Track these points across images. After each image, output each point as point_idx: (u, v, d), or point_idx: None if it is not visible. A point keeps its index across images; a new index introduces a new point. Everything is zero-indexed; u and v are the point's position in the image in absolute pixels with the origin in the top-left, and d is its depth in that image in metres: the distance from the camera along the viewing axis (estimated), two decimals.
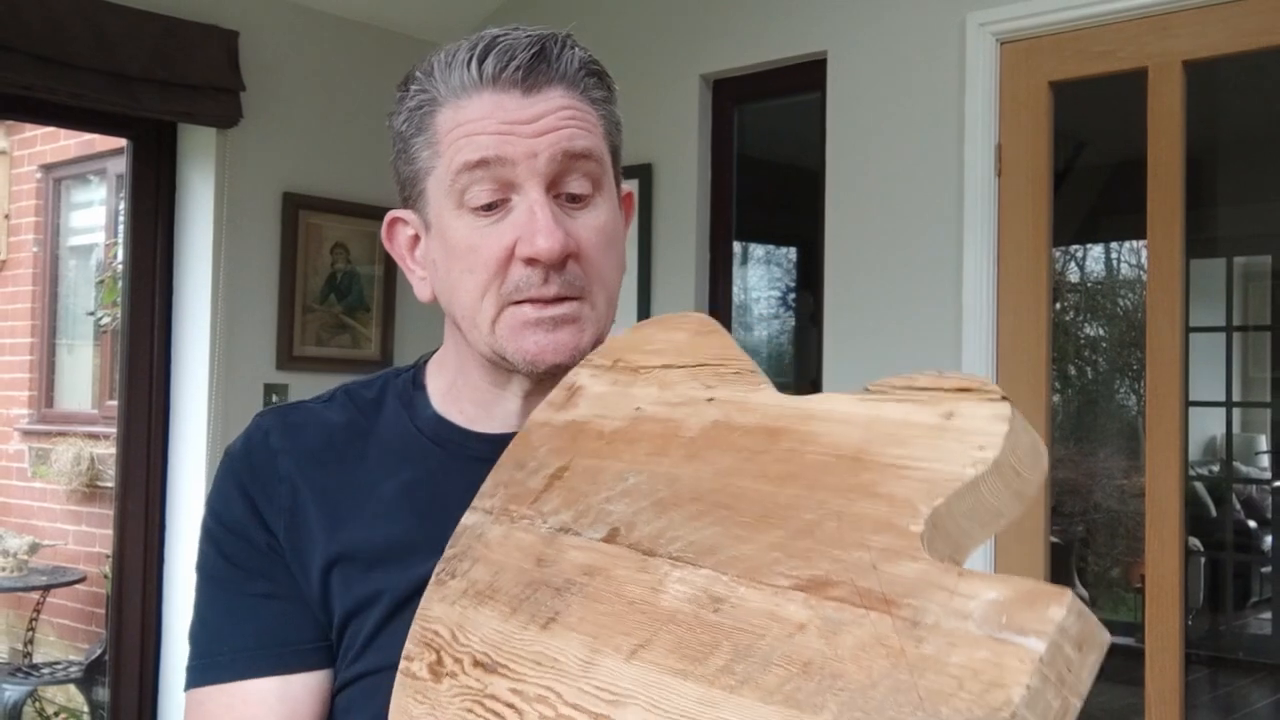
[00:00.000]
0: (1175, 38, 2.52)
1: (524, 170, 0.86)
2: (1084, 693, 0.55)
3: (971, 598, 0.57)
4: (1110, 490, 5.34)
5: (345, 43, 3.55)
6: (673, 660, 0.64)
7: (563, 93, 0.88)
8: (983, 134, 2.72)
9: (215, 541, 0.94)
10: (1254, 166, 4.63)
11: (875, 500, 0.64)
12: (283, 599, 0.91)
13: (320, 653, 0.92)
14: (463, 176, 0.86)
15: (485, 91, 0.87)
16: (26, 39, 2.82)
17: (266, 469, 0.93)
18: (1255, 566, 5.73)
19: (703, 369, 0.80)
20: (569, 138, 0.87)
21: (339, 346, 3.54)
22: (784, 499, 0.68)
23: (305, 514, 0.92)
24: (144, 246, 3.32)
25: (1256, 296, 5.74)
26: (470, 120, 0.86)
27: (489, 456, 0.92)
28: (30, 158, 5.24)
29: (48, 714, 4.35)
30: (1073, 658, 0.54)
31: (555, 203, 0.87)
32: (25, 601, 4.67)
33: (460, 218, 0.88)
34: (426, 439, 0.95)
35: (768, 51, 3.14)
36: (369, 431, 0.96)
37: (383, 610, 0.89)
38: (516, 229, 0.86)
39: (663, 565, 0.69)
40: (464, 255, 0.88)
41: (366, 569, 0.90)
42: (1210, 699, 4.78)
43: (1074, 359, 6.05)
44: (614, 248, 0.92)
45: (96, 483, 4.73)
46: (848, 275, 2.97)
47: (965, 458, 0.63)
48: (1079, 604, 0.55)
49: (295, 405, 0.99)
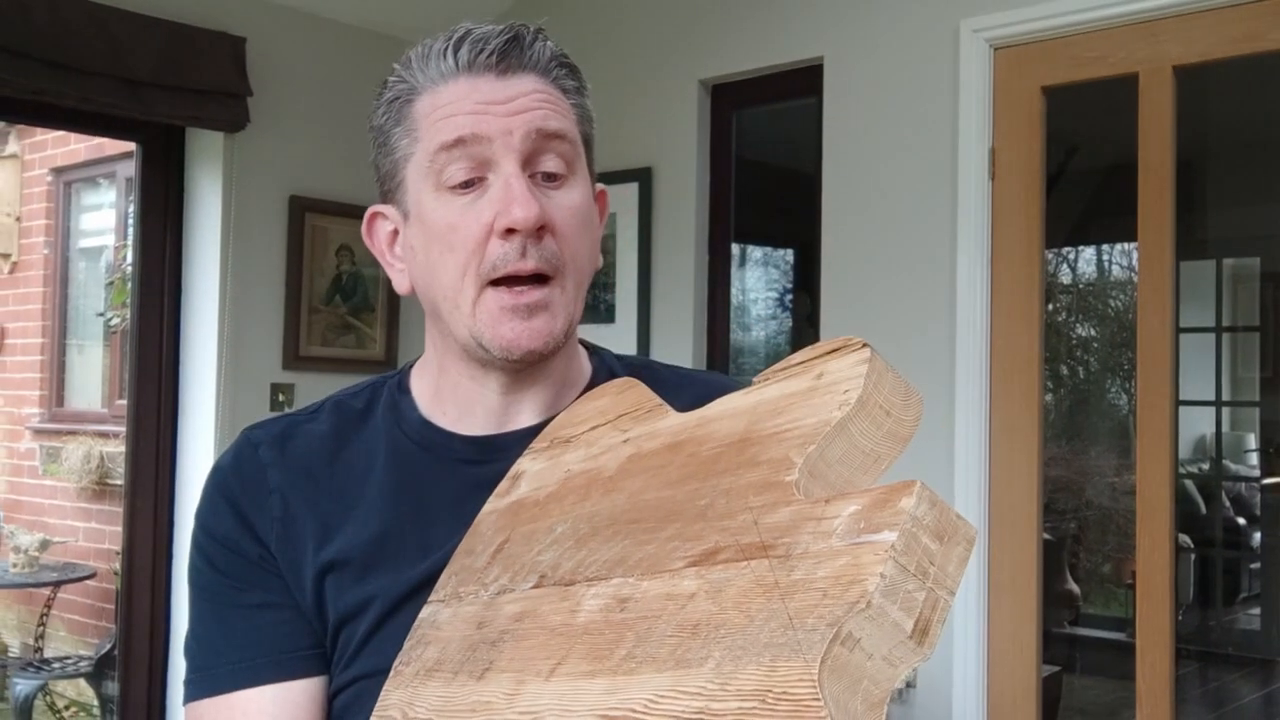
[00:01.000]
0: (1165, 43, 2.52)
1: (500, 147, 0.87)
2: (953, 588, 0.55)
3: (835, 517, 0.58)
4: (1102, 488, 5.35)
5: (350, 49, 3.55)
6: (585, 665, 0.65)
7: (535, 79, 0.90)
8: (976, 138, 2.72)
9: (206, 555, 0.93)
10: (1243, 170, 4.63)
11: (757, 467, 0.67)
12: (277, 608, 0.91)
13: (317, 659, 0.91)
14: (440, 156, 0.87)
15: (461, 77, 0.89)
16: (38, 44, 2.82)
17: (256, 482, 0.93)
18: (1244, 563, 5.73)
19: (622, 418, 0.87)
20: (543, 118, 0.88)
21: (344, 346, 3.54)
22: (682, 496, 0.71)
23: (296, 525, 0.92)
24: (153, 248, 3.32)
25: (1245, 298, 5.74)
26: (447, 103, 0.88)
27: (474, 458, 0.94)
28: (41, 161, 5.24)
29: (58, 708, 4.35)
30: (933, 549, 0.55)
31: (531, 181, 0.88)
32: (37, 597, 4.68)
33: (439, 199, 0.88)
34: (413, 443, 0.96)
35: (765, 57, 3.15)
36: (356, 440, 0.96)
37: (374, 616, 0.89)
38: (494, 205, 0.87)
39: (580, 589, 0.72)
40: (443, 234, 0.88)
41: (357, 576, 0.90)
42: (1200, 693, 4.78)
43: (1066, 359, 6.05)
44: (588, 231, 0.93)
45: (106, 480, 4.73)
46: (844, 277, 2.97)
47: (832, 404, 0.65)
48: (930, 493, 0.56)
49: (282, 418, 1.00)
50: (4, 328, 5.37)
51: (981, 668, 2.67)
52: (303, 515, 0.92)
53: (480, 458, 0.94)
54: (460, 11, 3.93)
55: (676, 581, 0.64)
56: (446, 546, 0.90)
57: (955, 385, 2.73)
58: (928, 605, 0.54)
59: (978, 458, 2.69)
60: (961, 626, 2.68)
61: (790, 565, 0.58)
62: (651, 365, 1.05)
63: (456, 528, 0.91)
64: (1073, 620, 5.17)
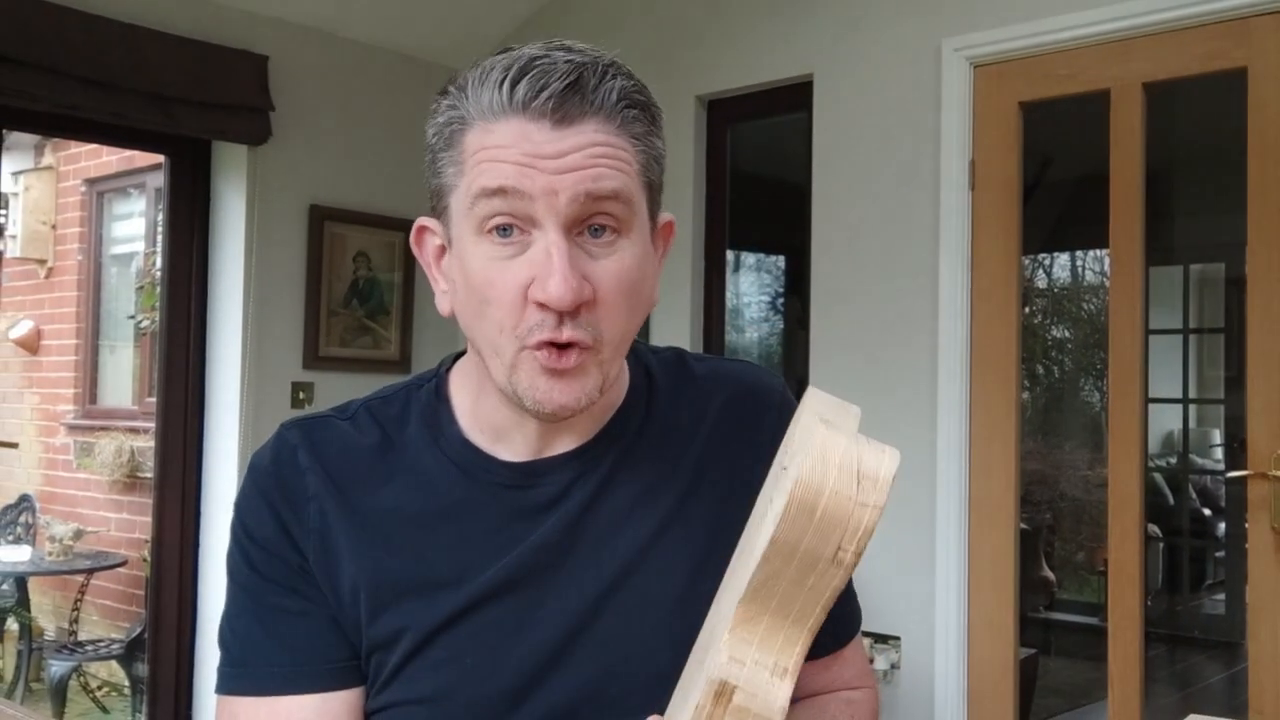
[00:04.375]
0: (1135, 61, 2.52)
1: (543, 207, 0.76)
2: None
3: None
4: (1075, 480, 5.34)
5: (367, 66, 3.55)
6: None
7: (597, 127, 0.77)
8: (957, 150, 2.72)
9: (246, 553, 0.87)
10: (1208, 181, 4.62)
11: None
12: (316, 618, 0.85)
13: (354, 671, 0.86)
14: (480, 202, 0.77)
15: (514, 117, 0.76)
16: (72, 62, 2.82)
17: (296, 488, 0.86)
18: (1209, 551, 5.72)
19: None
20: (594, 178, 0.76)
21: (361, 348, 3.54)
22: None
23: (333, 537, 0.85)
24: (180, 255, 3.31)
25: (1211, 301, 5.73)
26: (495, 145, 0.77)
27: (514, 483, 0.86)
28: (75, 173, 5.24)
29: (91, 688, 4.34)
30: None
31: (577, 240, 0.78)
32: (71, 584, 4.67)
33: (479, 244, 0.79)
34: (452, 463, 0.87)
35: (758, 75, 3.15)
36: (394, 453, 0.88)
37: (406, 647, 0.83)
38: (532, 267, 0.77)
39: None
40: (481, 288, 0.79)
41: (391, 602, 0.84)
42: (1168, 674, 4.78)
43: (1042, 359, 6.04)
44: (636, 291, 0.81)
45: (136, 474, 4.72)
46: (832, 281, 2.97)
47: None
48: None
49: (320, 419, 0.91)
50: (40, 329, 5.37)
51: (962, 650, 2.67)
52: (339, 527, 0.85)
53: (520, 483, 0.87)
54: (473, 31, 3.90)
55: None
56: (483, 577, 0.84)
57: (938, 383, 2.73)
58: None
59: (959, 452, 2.69)
60: (943, 611, 2.68)
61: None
62: (684, 360, 0.97)
63: (495, 557, 0.84)
64: (1048, 605, 5.17)
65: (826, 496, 0.61)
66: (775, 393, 0.95)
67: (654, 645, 0.83)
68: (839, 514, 0.61)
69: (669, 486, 0.88)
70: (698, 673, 0.69)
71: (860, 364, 2.88)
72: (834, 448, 0.62)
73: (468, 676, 0.83)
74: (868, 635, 2.77)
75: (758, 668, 0.63)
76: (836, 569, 0.62)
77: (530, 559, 0.85)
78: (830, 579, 0.63)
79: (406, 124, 3.59)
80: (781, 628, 0.64)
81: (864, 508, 0.61)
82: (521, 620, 0.84)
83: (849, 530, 0.62)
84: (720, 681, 0.63)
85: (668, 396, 0.93)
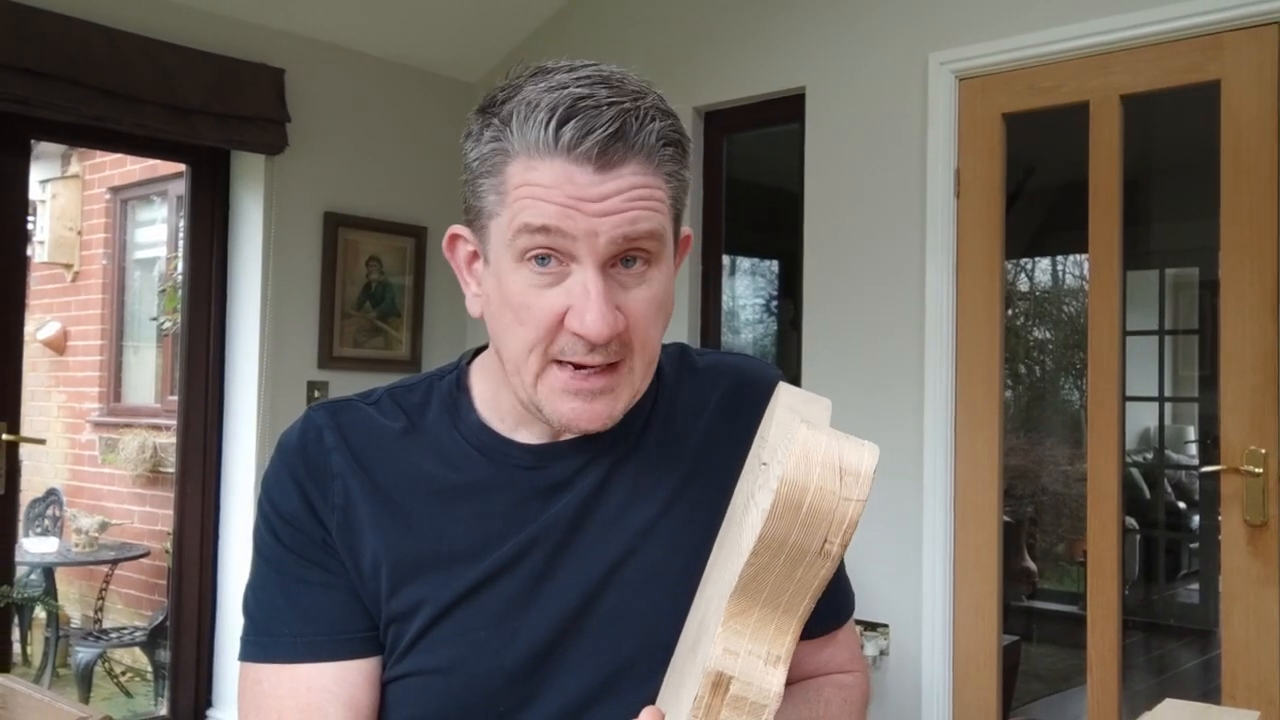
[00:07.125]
0: (1114, 74, 2.52)
1: (583, 246, 0.77)
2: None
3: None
4: (1056, 475, 5.34)
5: (380, 79, 3.55)
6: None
7: (635, 169, 0.78)
8: (943, 160, 2.72)
9: (272, 527, 0.88)
10: (1184, 189, 4.62)
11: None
12: (337, 590, 0.86)
13: (373, 641, 0.86)
14: (523, 236, 0.78)
15: (558, 159, 0.76)
16: (98, 76, 2.82)
17: (320, 465, 0.87)
18: (1184, 543, 5.72)
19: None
20: (632, 220, 0.77)
21: (373, 348, 3.54)
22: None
23: (356, 513, 0.86)
24: (201, 259, 3.32)
25: (1185, 304, 5.73)
26: (539, 184, 0.77)
27: (531, 464, 0.87)
28: (100, 181, 5.23)
29: (116, 673, 4.34)
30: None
31: (610, 272, 0.79)
32: (96, 574, 4.67)
33: (518, 270, 0.79)
34: (471, 446, 0.89)
35: (753, 86, 3.15)
36: (415, 435, 0.89)
37: (424, 619, 0.84)
38: (570, 298, 0.78)
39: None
40: (516, 308, 0.80)
41: (411, 576, 0.85)
42: (1145, 660, 4.78)
43: (1024, 359, 6.04)
44: (662, 313, 0.84)
45: (159, 468, 4.72)
46: (824, 285, 2.97)
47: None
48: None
49: (346, 403, 0.92)
50: (67, 330, 5.37)
51: (948, 637, 2.67)
52: (363, 504, 0.86)
53: (537, 464, 0.88)
54: (480, 46, 3.90)
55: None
56: (499, 552, 0.85)
57: (924, 382, 2.73)
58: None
59: (944, 448, 2.69)
60: (930, 600, 2.68)
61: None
62: (687, 353, 0.98)
63: (511, 533, 0.85)
64: (1030, 595, 5.17)
65: (811, 493, 0.61)
66: (774, 382, 0.96)
67: (659, 619, 0.84)
68: (824, 509, 0.62)
69: (674, 471, 0.90)
70: (690, 664, 0.69)
71: (850, 363, 2.88)
72: (815, 446, 0.62)
73: (481, 648, 0.84)
74: (858, 623, 2.77)
75: (751, 658, 0.64)
76: (824, 560, 0.63)
77: (543, 535, 0.86)
78: (818, 570, 0.63)
79: (417, 134, 3.60)
80: (772, 618, 0.65)
81: (848, 502, 0.62)
82: (533, 594, 0.85)
83: (834, 524, 0.62)
84: (716, 673, 0.63)
85: (673, 387, 0.95)
